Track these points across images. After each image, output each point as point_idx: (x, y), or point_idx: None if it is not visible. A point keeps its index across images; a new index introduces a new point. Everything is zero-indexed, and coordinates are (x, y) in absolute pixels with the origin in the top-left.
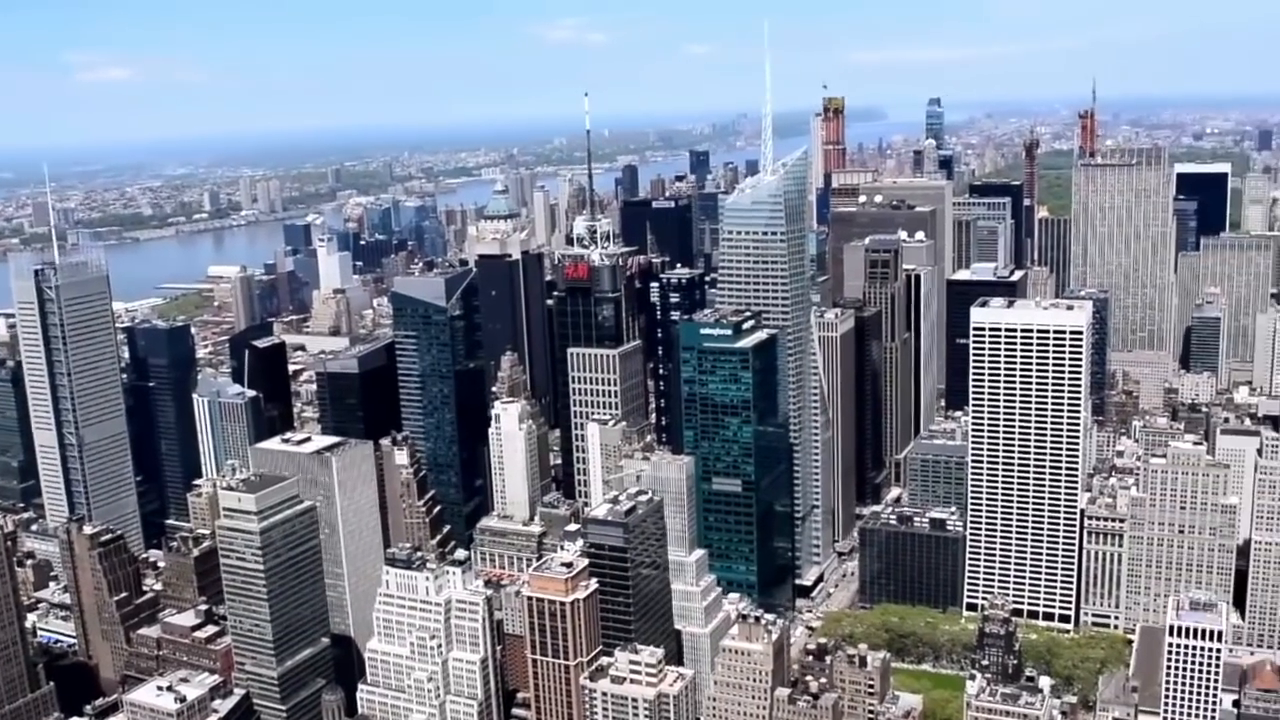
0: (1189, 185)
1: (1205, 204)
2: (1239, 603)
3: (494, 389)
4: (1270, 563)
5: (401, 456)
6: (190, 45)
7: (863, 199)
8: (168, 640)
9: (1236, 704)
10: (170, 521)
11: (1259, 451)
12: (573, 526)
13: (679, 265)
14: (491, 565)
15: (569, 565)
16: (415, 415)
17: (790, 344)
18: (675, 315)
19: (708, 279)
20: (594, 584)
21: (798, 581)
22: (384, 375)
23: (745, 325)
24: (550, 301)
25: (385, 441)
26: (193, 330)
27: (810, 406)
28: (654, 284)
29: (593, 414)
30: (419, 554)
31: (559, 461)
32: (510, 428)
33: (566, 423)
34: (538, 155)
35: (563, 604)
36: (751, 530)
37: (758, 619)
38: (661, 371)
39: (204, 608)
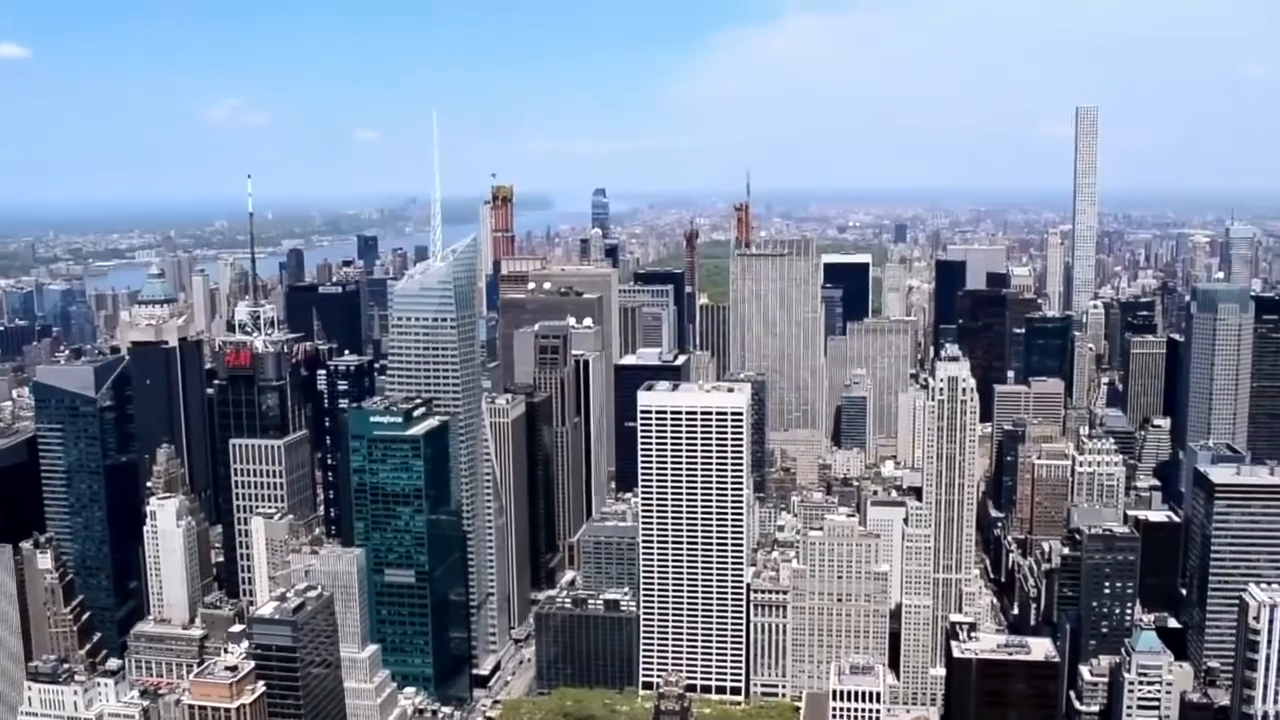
0: (835, 274)
1: (850, 291)
2: (894, 664)
3: (149, 484)
4: (918, 624)
5: (45, 560)
6: None
7: (532, 286)
8: None
9: None
10: None
11: (905, 521)
12: (237, 627)
13: (347, 352)
14: (149, 673)
15: (233, 669)
16: (61, 515)
17: (462, 430)
18: (344, 403)
19: (377, 366)
20: (261, 687)
21: (475, 671)
22: (25, 472)
23: (416, 412)
24: (210, 390)
25: (26, 545)
26: None
27: (483, 493)
28: (321, 371)
29: (257, 507)
30: (66, 666)
31: (221, 559)
32: (167, 525)
33: (229, 517)
34: (197, 238)
35: (227, 710)
36: (426, 622)
37: (434, 713)
38: (330, 461)
39: None
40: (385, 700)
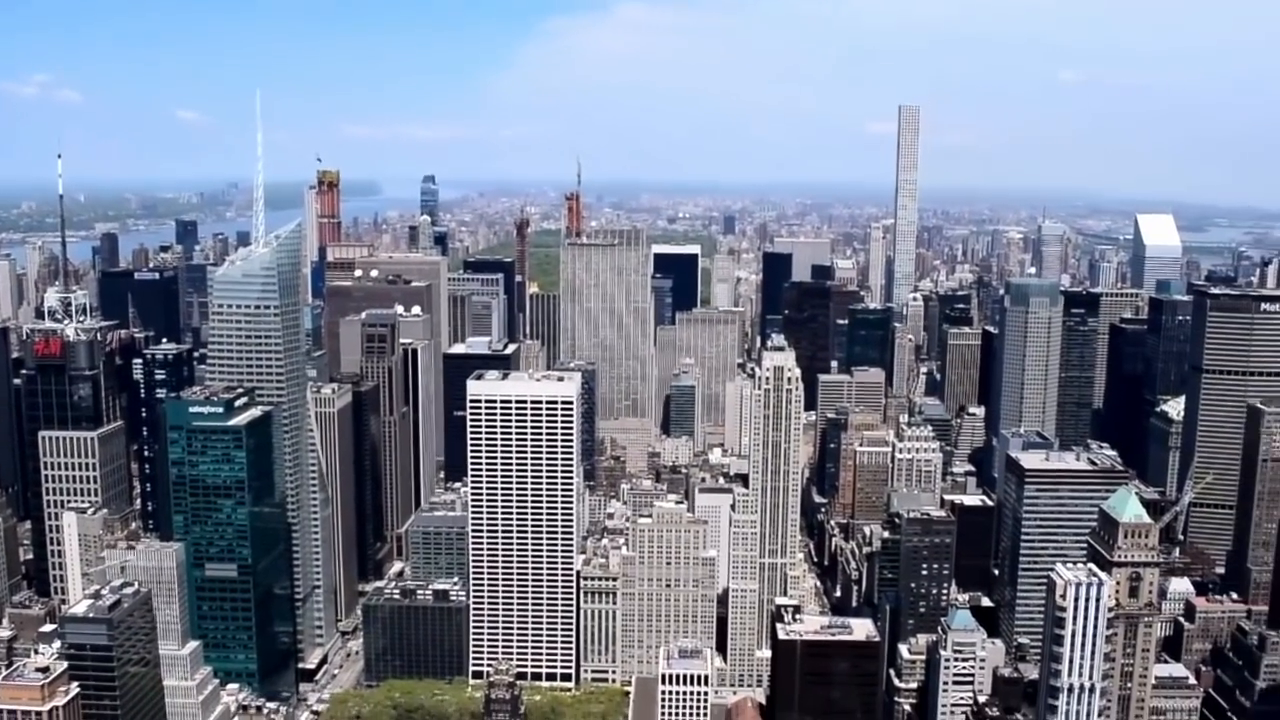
0: (665, 264)
1: (679, 282)
2: (721, 647)
3: None
4: (745, 608)
5: None
6: None
7: (359, 273)
8: None
9: None
10: None
11: (732, 507)
12: (48, 627)
13: (165, 340)
14: None
15: (45, 670)
16: None
17: (286, 420)
18: (161, 393)
19: (196, 354)
20: (75, 689)
21: (301, 665)
22: None
23: (238, 402)
24: (18, 381)
25: None
26: None
27: (308, 484)
28: (137, 360)
29: (69, 502)
30: None
31: (30, 556)
32: None
33: (39, 513)
34: (2, 220)
35: (39, 713)
36: (249, 616)
37: (259, 709)
38: (147, 453)
39: None
40: (207, 698)
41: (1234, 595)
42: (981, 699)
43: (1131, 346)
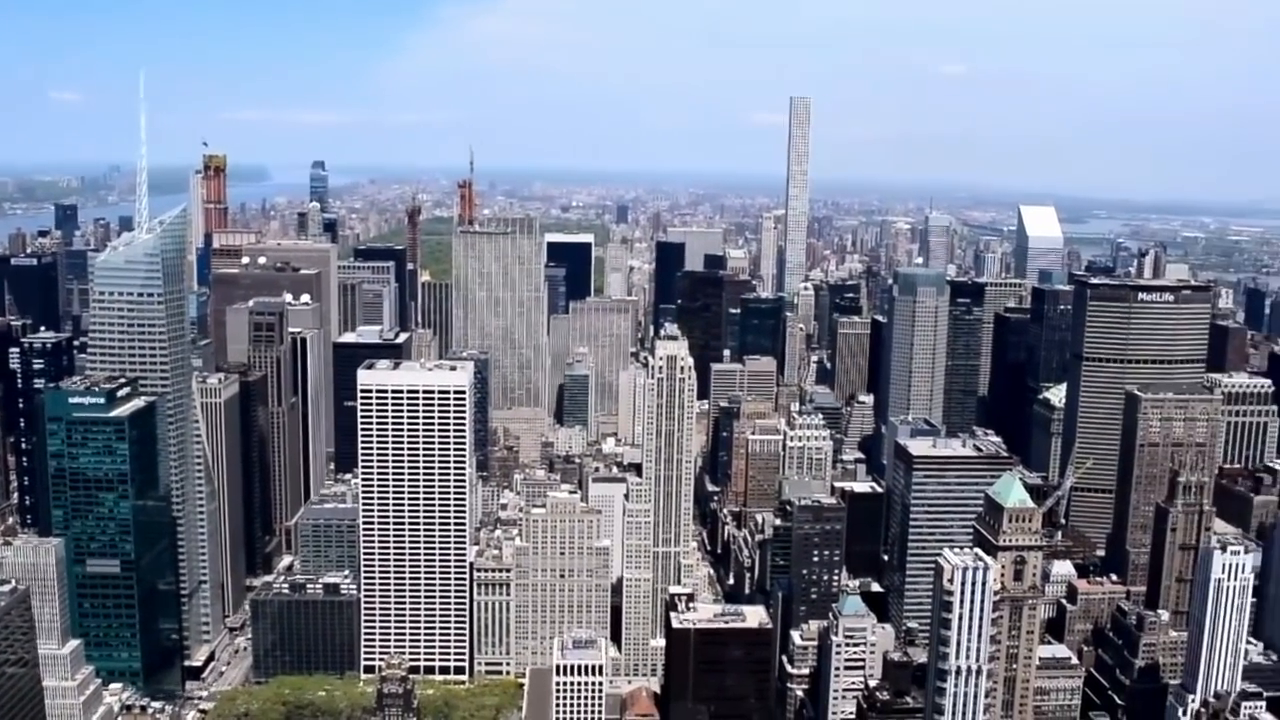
0: (558, 253)
1: (573, 271)
2: (615, 636)
3: None
4: (639, 597)
5: None
6: None
7: (246, 260)
8: None
9: None
10: None
11: (626, 496)
12: None
13: (43, 328)
14: None
15: None
16: None
17: (170, 411)
18: (39, 383)
19: (76, 343)
20: None
21: (187, 663)
22: None
23: (120, 393)
24: None
25: None
26: None
27: (194, 477)
28: (13, 349)
29: None
30: None
31: None
32: None
33: None
34: None
35: None
36: (133, 613)
37: (144, 708)
38: (24, 446)
39: None
40: (89, 698)
41: (1114, 577)
42: (872, 683)
43: (1015, 335)
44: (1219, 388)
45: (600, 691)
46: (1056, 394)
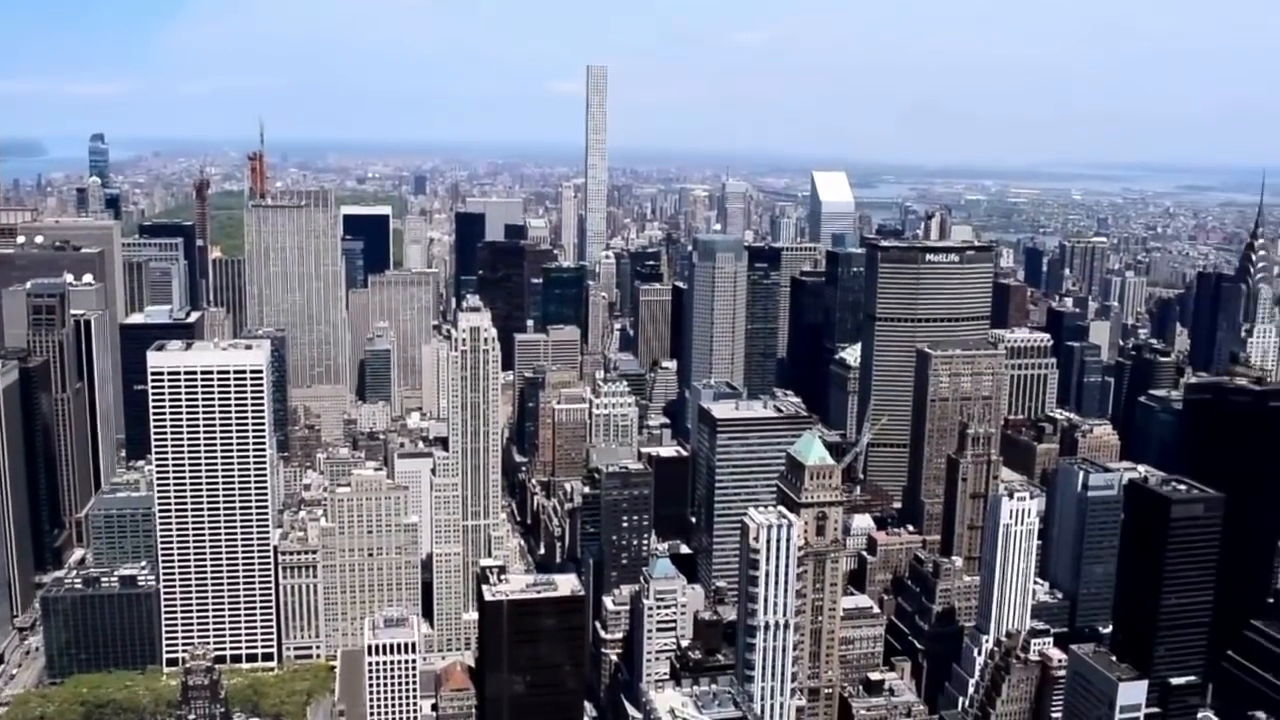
0: (355, 226)
1: (370, 244)
2: (428, 613)
3: None
4: (450, 572)
5: None
6: None
7: (22, 240)
8: None
9: (435, 707)
10: None
11: (433, 471)
12: None
13: None
14: None
15: None
16: None
17: None
18: None
19: None
20: None
21: None
22: None
23: None
24: None
25: None
26: None
27: None
28: None
29: None
30: None
31: None
32: None
33: None
34: None
35: None
36: None
37: None
38: None
39: None
40: None
41: (910, 528)
42: (684, 643)
43: (811, 298)
44: (1002, 343)
45: (414, 669)
46: (852, 354)
